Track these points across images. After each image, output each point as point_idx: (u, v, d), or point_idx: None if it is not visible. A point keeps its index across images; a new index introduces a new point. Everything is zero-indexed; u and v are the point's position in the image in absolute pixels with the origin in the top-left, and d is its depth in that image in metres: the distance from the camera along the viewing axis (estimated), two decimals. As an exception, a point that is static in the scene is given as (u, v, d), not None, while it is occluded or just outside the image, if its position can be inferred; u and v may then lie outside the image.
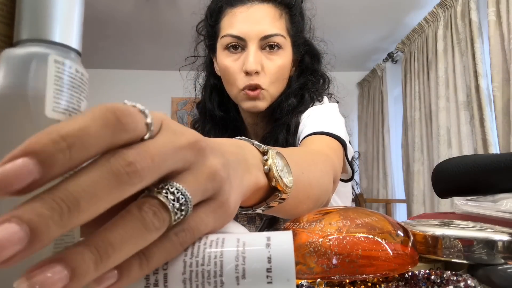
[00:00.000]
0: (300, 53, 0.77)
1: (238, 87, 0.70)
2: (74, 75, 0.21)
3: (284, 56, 0.71)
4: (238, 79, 0.70)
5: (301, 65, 0.78)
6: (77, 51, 0.23)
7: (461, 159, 0.53)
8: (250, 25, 0.68)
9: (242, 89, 0.69)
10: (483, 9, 1.95)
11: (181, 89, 0.97)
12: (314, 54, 0.79)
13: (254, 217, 0.66)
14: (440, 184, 0.57)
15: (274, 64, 0.70)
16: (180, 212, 0.18)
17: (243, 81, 0.69)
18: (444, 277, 0.30)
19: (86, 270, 0.15)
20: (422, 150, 2.48)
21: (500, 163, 0.46)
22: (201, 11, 0.83)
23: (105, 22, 2.77)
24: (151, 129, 0.18)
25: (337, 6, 2.48)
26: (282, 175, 0.33)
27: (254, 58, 0.67)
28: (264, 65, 0.69)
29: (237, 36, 0.69)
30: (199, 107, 0.84)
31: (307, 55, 0.78)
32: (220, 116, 0.78)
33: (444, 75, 2.24)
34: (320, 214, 0.42)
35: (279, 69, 0.71)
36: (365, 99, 3.55)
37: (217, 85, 0.79)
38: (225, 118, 0.79)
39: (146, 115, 0.19)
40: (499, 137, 1.78)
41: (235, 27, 0.69)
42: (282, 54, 0.71)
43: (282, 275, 0.19)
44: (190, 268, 0.19)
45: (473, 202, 0.47)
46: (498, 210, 0.43)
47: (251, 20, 0.69)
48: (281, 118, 0.72)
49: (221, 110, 0.78)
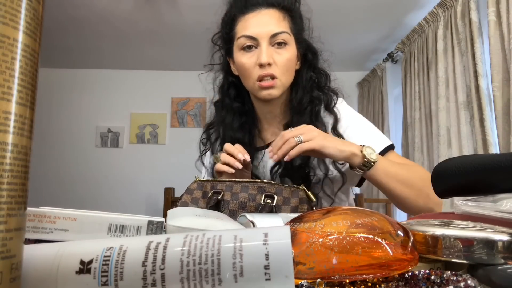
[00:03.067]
0: (303, 49, 0.91)
1: (253, 79, 0.85)
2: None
3: (290, 51, 0.86)
4: (253, 72, 0.85)
5: (305, 61, 0.92)
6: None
7: (461, 159, 0.53)
8: (261, 26, 0.84)
9: (257, 79, 0.84)
10: (483, 9, 1.95)
11: (181, 89, 1.09)
12: (314, 52, 0.93)
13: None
14: (440, 184, 0.57)
15: (283, 57, 0.84)
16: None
17: (257, 73, 0.84)
18: (444, 277, 0.30)
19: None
20: (422, 150, 2.48)
21: (500, 163, 0.46)
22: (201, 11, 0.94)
23: (105, 22, 2.77)
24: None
25: (337, 6, 2.47)
26: (368, 151, 0.74)
27: (266, 53, 0.82)
28: (275, 58, 0.84)
29: (251, 36, 0.84)
30: (217, 104, 1.00)
31: (309, 52, 0.93)
32: (236, 107, 0.95)
33: (444, 75, 2.24)
34: (320, 214, 0.42)
35: (287, 61, 0.85)
36: (365, 99, 3.55)
37: (234, 82, 0.96)
38: (241, 108, 0.95)
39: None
40: (499, 137, 1.78)
41: (248, 29, 0.84)
42: (288, 48, 0.86)
43: (280, 272, 0.19)
44: (188, 267, 0.19)
45: (473, 202, 0.46)
46: (498, 210, 0.43)
47: (261, 22, 0.84)
48: (304, 109, 0.89)
49: (238, 102, 0.95)
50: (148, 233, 0.42)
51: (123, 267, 0.23)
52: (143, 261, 0.23)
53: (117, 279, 0.23)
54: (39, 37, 0.24)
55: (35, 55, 0.23)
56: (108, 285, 0.23)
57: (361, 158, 0.73)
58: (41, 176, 3.40)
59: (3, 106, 0.21)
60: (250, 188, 0.72)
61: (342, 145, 0.74)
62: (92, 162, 3.55)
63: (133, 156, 3.57)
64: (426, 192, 0.75)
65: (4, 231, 0.21)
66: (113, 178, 3.52)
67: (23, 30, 0.22)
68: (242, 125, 0.94)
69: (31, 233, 0.41)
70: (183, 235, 0.25)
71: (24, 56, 0.22)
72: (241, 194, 0.72)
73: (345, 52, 3.11)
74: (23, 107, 0.22)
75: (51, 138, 3.54)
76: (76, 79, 3.66)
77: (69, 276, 0.25)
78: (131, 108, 3.64)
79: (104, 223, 0.42)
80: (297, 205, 0.71)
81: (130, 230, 0.42)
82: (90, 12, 2.64)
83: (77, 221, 0.42)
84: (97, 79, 3.68)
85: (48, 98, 3.55)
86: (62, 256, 0.26)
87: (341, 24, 2.69)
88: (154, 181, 3.43)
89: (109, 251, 0.25)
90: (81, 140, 3.58)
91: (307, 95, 0.90)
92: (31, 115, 0.23)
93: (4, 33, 0.22)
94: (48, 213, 0.42)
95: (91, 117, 3.61)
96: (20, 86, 0.22)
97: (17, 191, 0.22)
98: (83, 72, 3.66)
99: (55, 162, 3.52)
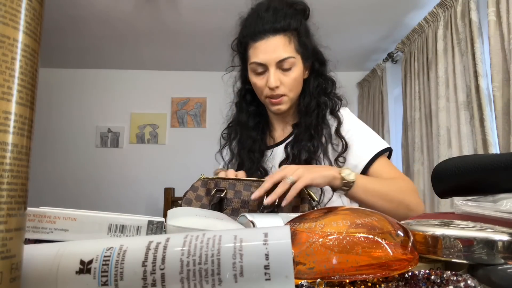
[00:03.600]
0: (310, 62, 1.00)
1: (264, 96, 0.98)
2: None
3: (296, 71, 0.95)
4: (264, 91, 0.97)
5: (313, 70, 1.02)
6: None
7: (461, 159, 0.53)
8: (268, 53, 0.93)
9: (266, 98, 0.98)
10: (483, 9, 1.95)
11: (181, 89, 1.12)
12: (321, 61, 1.02)
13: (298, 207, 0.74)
14: (440, 184, 0.57)
15: (289, 78, 0.95)
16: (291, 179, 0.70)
17: (267, 93, 0.96)
18: (444, 277, 0.30)
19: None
20: (422, 150, 2.48)
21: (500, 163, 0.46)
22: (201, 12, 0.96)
23: (105, 22, 2.77)
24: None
25: (337, 6, 2.47)
26: (346, 173, 0.79)
27: (273, 78, 0.93)
28: (282, 80, 0.95)
29: (260, 63, 0.94)
30: (237, 104, 1.11)
31: (316, 62, 1.02)
32: (252, 110, 1.08)
33: (444, 75, 2.24)
34: (320, 214, 0.42)
35: (293, 80, 0.96)
36: (365, 99, 3.55)
37: (250, 89, 1.06)
38: (255, 111, 1.08)
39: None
40: (499, 137, 1.78)
41: (258, 56, 0.94)
42: (294, 69, 0.95)
43: (280, 272, 0.19)
44: (188, 267, 0.19)
45: (473, 202, 0.46)
46: (498, 210, 0.43)
47: (268, 49, 0.93)
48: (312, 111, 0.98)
49: (253, 105, 1.08)
50: (148, 233, 0.42)
51: (123, 267, 0.23)
52: (143, 261, 0.23)
53: (117, 279, 0.23)
54: (39, 37, 0.24)
55: (35, 55, 0.23)
56: (108, 285, 0.23)
57: (340, 180, 0.79)
58: (41, 176, 3.40)
59: (3, 106, 0.21)
60: (253, 187, 0.73)
61: (323, 171, 0.78)
62: (92, 162, 3.55)
63: (133, 156, 3.57)
64: (406, 204, 0.84)
65: (4, 231, 0.21)
66: (113, 178, 3.52)
67: (23, 30, 0.22)
68: (257, 125, 1.07)
69: (31, 233, 0.41)
70: (183, 235, 0.25)
71: (24, 56, 0.22)
72: (243, 193, 0.73)
73: (345, 52, 3.11)
74: (23, 107, 0.22)
75: (51, 138, 3.54)
76: (76, 79, 3.66)
77: (69, 276, 0.25)
78: (131, 108, 3.64)
79: (104, 223, 0.42)
80: (298, 204, 0.72)
81: (130, 230, 0.42)
82: (90, 12, 2.64)
83: (77, 221, 0.42)
84: (97, 79, 3.68)
85: (48, 98, 3.55)
86: (62, 256, 0.26)
87: (341, 24, 2.69)
88: (154, 181, 3.43)
89: (109, 251, 0.25)
90: (81, 140, 3.58)
91: (314, 100, 0.99)
92: (31, 115, 0.23)
93: (4, 33, 0.22)
94: (48, 213, 0.42)
95: (91, 117, 3.61)
96: (20, 86, 0.22)
97: (17, 191, 0.22)
98: (83, 72, 3.66)
99: (55, 162, 3.52)
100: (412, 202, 0.85)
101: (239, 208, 0.72)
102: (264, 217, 0.52)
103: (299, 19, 0.97)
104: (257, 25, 0.94)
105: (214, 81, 3.49)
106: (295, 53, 0.95)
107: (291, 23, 0.94)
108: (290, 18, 0.94)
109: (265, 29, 0.93)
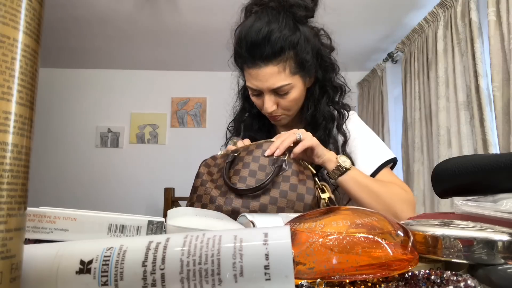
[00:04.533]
0: (313, 73, 0.94)
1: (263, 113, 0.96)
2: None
3: (294, 92, 0.90)
4: (262, 110, 0.94)
5: (317, 79, 0.95)
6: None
7: (461, 159, 0.53)
8: (261, 82, 0.88)
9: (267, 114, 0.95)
10: (483, 9, 1.95)
11: (181, 89, 1.11)
12: (325, 69, 0.95)
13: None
14: (439, 184, 0.57)
15: (287, 100, 0.91)
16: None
17: (265, 113, 0.94)
18: (444, 277, 0.30)
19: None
20: (422, 150, 2.48)
21: (500, 163, 0.46)
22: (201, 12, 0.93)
23: (105, 22, 2.77)
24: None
25: (337, 6, 2.47)
26: (342, 159, 0.80)
27: (268, 104, 0.90)
28: (279, 103, 0.91)
29: (254, 89, 0.91)
30: (241, 101, 1.09)
31: (320, 70, 0.95)
32: (256, 112, 1.03)
33: (444, 75, 2.24)
34: (320, 214, 0.42)
35: (291, 102, 0.91)
36: (365, 99, 3.55)
37: None
38: (260, 114, 1.02)
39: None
40: (499, 137, 1.78)
41: (252, 83, 0.90)
42: (292, 92, 0.90)
43: (280, 272, 0.19)
44: (188, 267, 0.19)
45: (473, 202, 0.46)
46: (498, 210, 0.43)
47: (261, 79, 0.88)
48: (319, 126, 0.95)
49: (256, 108, 1.02)
50: (148, 233, 0.42)
51: (123, 267, 0.23)
52: (143, 261, 0.23)
53: (117, 279, 0.23)
54: (39, 37, 0.24)
55: (35, 55, 0.23)
56: (108, 285, 0.23)
57: (335, 163, 0.80)
58: (41, 176, 3.40)
59: (3, 106, 0.21)
60: (264, 145, 0.78)
61: (326, 150, 0.81)
62: (92, 162, 3.55)
63: (133, 156, 3.57)
64: (394, 210, 0.81)
65: (4, 231, 0.21)
66: (113, 178, 3.52)
67: (23, 30, 0.22)
68: (260, 127, 1.05)
69: (31, 233, 0.41)
70: (183, 235, 0.25)
71: (24, 56, 0.22)
72: (255, 150, 0.77)
73: (345, 52, 3.11)
74: (23, 107, 0.22)
75: (51, 138, 3.54)
76: (76, 79, 3.66)
77: (69, 276, 0.25)
78: (131, 108, 3.64)
79: (104, 223, 0.42)
80: (305, 179, 0.74)
81: (130, 230, 0.42)
82: (90, 12, 2.64)
83: (77, 221, 0.42)
84: (97, 79, 3.68)
85: (48, 98, 3.55)
86: (62, 256, 0.26)
87: (341, 24, 2.69)
88: (154, 181, 3.43)
89: (109, 251, 0.25)
90: (81, 140, 3.58)
91: (319, 112, 0.95)
92: (31, 115, 0.23)
93: (4, 33, 0.22)
94: (48, 213, 0.42)
95: (91, 117, 3.61)
96: (20, 86, 0.22)
97: (17, 191, 0.22)
98: (83, 72, 3.66)
99: (55, 162, 3.52)
100: (402, 212, 0.81)
101: (250, 162, 0.75)
102: (264, 217, 0.52)
103: (295, 32, 0.87)
104: (248, 51, 0.87)
105: (214, 81, 3.52)
106: (291, 78, 0.88)
107: (284, 47, 0.85)
108: (283, 40, 0.84)
109: (255, 57, 0.86)
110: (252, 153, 0.77)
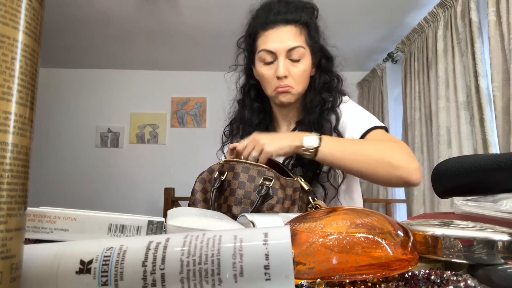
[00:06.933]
0: (318, 58, 1.00)
1: (272, 88, 0.97)
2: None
3: (305, 63, 0.95)
4: (271, 83, 0.96)
5: (320, 67, 1.01)
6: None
7: (461, 159, 0.53)
8: (279, 42, 0.93)
9: (274, 89, 0.96)
10: (483, 9, 1.95)
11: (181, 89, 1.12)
12: (328, 58, 1.02)
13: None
14: (440, 184, 0.57)
15: (298, 69, 0.94)
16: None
17: (275, 84, 0.95)
18: (444, 277, 0.30)
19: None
20: (422, 150, 2.48)
21: (500, 163, 0.46)
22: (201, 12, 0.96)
23: (105, 22, 2.77)
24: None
25: (337, 6, 2.47)
26: (307, 140, 0.79)
27: (283, 66, 0.92)
28: (291, 70, 0.94)
29: (270, 51, 0.94)
30: (239, 102, 1.11)
31: (324, 59, 1.01)
32: (256, 106, 1.07)
33: (444, 75, 2.24)
34: (320, 214, 0.42)
35: (302, 73, 0.95)
36: (365, 99, 3.55)
37: (255, 85, 1.06)
38: (260, 108, 1.07)
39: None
40: (499, 137, 1.78)
41: (268, 44, 0.94)
42: (303, 61, 0.95)
43: (280, 272, 0.19)
44: (188, 267, 0.19)
45: (473, 202, 0.46)
46: (498, 210, 0.43)
47: (279, 38, 0.93)
48: (314, 109, 0.97)
49: (257, 102, 1.07)
50: (148, 233, 0.42)
51: (123, 267, 0.23)
52: (143, 261, 0.23)
53: (117, 279, 0.23)
54: (39, 37, 0.24)
55: (35, 55, 0.23)
56: (108, 285, 0.23)
57: (301, 148, 0.79)
58: (41, 176, 3.40)
59: (3, 106, 0.21)
60: (251, 170, 0.76)
61: (289, 140, 0.80)
62: (92, 162, 3.55)
63: (133, 156, 3.57)
64: (388, 161, 0.78)
65: (4, 231, 0.21)
66: (113, 178, 3.52)
67: (23, 30, 0.22)
68: (260, 122, 1.07)
69: (31, 233, 0.41)
70: (183, 235, 0.25)
71: (24, 56, 0.22)
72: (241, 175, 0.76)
73: (345, 52, 3.11)
74: (23, 107, 0.22)
75: (51, 138, 3.54)
76: (76, 79, 3.66)
77: (69, 276, 0.25)
78: (131, 108, 3.64)
79: (104, 223, 0.42)
80: (291, 193, 0.75)
81: (130, 230, 0.42)
82: (90, 12, 2.64)
83: (77, 221, 0.42)
84: (97, 79, 3.68)
85: (48, 98, 3.55)
86: (62, 256, 0.26)
87: (341, 24, 2.69)
88: (154, 181, 3.43)
89: (109, 251, 0.25)
90: (81, 140, 3.58)
91: (318, 96, 0.99)
92: (31, 115, 0.23)
93: (4, 33, 0.22)
94: (48, 213, 0.42)
95: (91, 117, 3.61)
96: (20, 86, 0.22)
97: (17, 191, 0.22)
98: (83, 72, 3.66)
99: (55, 162, 3.52)
100: (396, 159, 0.78)
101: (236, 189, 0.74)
102: (264, 217, 0.52)
103: (309, 14, 0.98)
104: (269, 15, 0.95)
105: (214, 81, 3.51)
106: (305, 44, 0.95)
107: (302, 16, 0.95)
108: (301, 11, 0.95)
109: (277, 19, 0.94)
110: (238, 177, 0.75)
